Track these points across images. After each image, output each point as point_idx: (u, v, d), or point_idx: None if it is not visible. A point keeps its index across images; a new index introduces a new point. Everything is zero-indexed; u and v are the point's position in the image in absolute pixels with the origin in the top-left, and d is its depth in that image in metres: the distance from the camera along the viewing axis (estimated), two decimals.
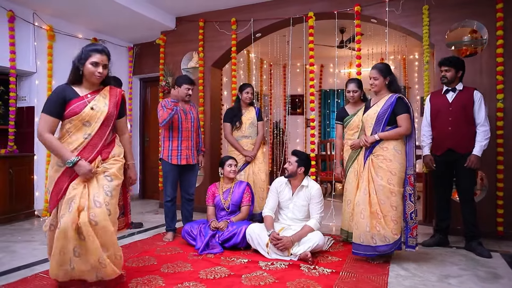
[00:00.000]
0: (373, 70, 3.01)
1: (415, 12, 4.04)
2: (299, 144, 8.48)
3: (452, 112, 3.28)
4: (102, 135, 2.28)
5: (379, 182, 2.85)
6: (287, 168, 3.26)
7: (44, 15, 4.72)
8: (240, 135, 4.13)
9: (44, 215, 4.65)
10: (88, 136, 2.24)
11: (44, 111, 2.19)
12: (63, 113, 2.21)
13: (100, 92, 2.33)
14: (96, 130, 2.25)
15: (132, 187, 3.62)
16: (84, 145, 2.23)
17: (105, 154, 2.31)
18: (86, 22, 5.12)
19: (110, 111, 2.31)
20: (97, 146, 2.26)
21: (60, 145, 2.18)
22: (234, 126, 4.12)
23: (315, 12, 4.51)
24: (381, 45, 6.42)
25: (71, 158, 2.15)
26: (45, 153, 4.75)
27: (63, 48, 5.00)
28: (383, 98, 2.98)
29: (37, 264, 2.90)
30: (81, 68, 2.25)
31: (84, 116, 2.22)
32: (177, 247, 3.36)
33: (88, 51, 2.27)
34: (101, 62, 2.26)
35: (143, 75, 6.12)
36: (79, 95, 2.25)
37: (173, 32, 5.40)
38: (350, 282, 2.55)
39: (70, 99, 2.22)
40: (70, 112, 2.20)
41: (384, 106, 2.94)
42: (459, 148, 3.26)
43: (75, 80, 2.29)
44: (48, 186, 2.29)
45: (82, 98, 2.25)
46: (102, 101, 2.30)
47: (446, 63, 3.32)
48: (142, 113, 6.30)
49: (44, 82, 4.77)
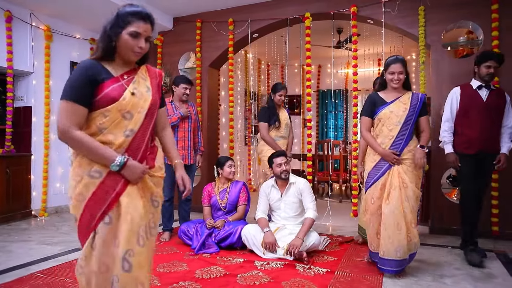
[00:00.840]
0: (398, 64, 2.70)
1: (411, 13, 4.06)
2: (296, 144, 8.49)
3: (488, 110, 3.04)
4: (146, 131, 1.60)
5: (411, 187, 2.64)
6: (287, 169, 3.27)
7: (41, 15, 4.73)
8: (278, 135, 3.96)
9: (41, 215, 4.66)
10: (131, 133, 1.54)
11: (65, 98, 1.47)
12: (92, 101, 1.51)
13: (137, 73, 1.64)
14: (140, 125, 1.56)
15: None
16: (125, 146, 1.53)
17: (151, 160, 1.63)
18: (84, 22, 5.13)
19: (154, 98, 1.63)
20: (140, 149, 1.58)
21: (97, 142, 1.49)
22: (272, 126, 3.93)
23: (312, 12, 4.52)
24: (378, 45, 6.44)
25: (117, 158, 1.48)
26: (42, 152, 4.76)
27: (61, 48, 5.00)
28: (405, 95, 2.74)
29: (33, 264, 2.91)
30: (114, 39, 1.55)
31: (125, 105, 1.52)
32: (173, 247, 3.37)
33: (127, 16, 1.54)
34: (143, 33, 1.55)
35: None
36: (113, 75, 1.55)
37: (171, 32, 5.41)
38: (345, 281, 2.57)
39: (102, 80, 1.52)
40: (105, 98, 1.50)
41: (412, 105, 2.70)
42: (490, 148, 3.07)
43: (105, 55, 1.56)
44: (73, 209, 1.51)
45: (117, 79, 1.55)
46: (143, 85, 1.62)
47: (493, 57, 3.03)
48: None
49: (42, 82, 4.78)
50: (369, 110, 2.84)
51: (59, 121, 1.48)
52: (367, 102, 2.87)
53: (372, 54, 6.81)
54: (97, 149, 1.48)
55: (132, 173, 1.52)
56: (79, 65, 1.54)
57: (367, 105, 2.86)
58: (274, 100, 3.98)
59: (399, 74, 2.70)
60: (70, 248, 3.35)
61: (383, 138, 2.75)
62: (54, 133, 4.92)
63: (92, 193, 1.48)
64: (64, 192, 5.06)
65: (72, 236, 3.76)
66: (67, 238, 3.70)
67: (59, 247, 3.36)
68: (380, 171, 2.74)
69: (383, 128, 2.76)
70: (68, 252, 3.23)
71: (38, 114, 4.76)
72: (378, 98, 2.81)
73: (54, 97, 4.91)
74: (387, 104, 2.74)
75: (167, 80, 5.36)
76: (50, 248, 3.33)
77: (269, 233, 3.09)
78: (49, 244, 3.48)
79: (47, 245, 3.44)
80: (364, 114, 2.88)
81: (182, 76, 3.86)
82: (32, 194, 4.69)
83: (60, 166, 5.02)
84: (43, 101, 4.78)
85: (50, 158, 4.86)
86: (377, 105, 2.78)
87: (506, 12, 3.66)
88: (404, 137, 2.69)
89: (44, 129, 4.78)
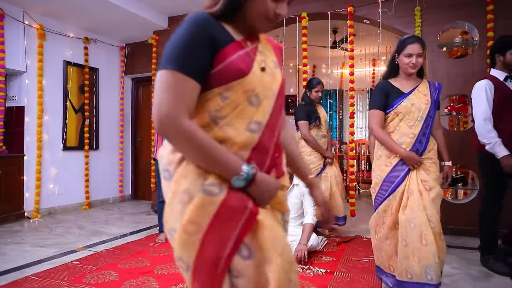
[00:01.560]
0: (417, 45, 2.22)
1: (408, 13, 4.07)
2: None
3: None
4: (275, 124, 1.07)
5: (437, 189, 2.19)
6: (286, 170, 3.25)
7: (34, 13, 4.65)
8: (319, 134, 3.70)
9: (34, 216, 4.58)
10: (258, 127, 1.02)
11: (173, 67, 0.94)
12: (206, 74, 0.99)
13: (260, 41, 1.12)
14: (269, 115, 1.04)
15: None
16: (251, 147, 1.01)
17: (280, 165, 1.12)
18: (77, 21, 5.06)
19: (283, 78, 1.15)
20: (269, 151, 1.06)
21: (214, 141, 0.96)
22: (313, 124, 3.67)
23: (309, 12, 4.51)
24: (373, 45, 6.47)
25: (243, 167, 0.96)
26: (35, 153, 4.68)
27: (54, 47, 4.93)
28: (422, 85, 2.30)
29: (27, 267, 2.85)
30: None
31: (254, 83, 1.01)
32: (170, 248, 3.33)
33: None
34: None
35: (135, 75, 6.07)
36: (235, 39, 1.03)
37: (166, 31, 5.36)
38: (344, 282, 2.56)
39: (224, 44, 1.00)
40: (228, 69, 0.99)
41: (431, 96, 2.27)
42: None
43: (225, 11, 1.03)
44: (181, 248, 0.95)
45: (241, 44, 1.04)
46: (269, 58, 1.12)
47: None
48: (134, 113, 6.24)
49: (34, 82, 4.70)
50: (381, 101, 2.31)
51: (162, 103, 0.93)
52: (377, 92, 2.34)
53: (367, 54, 6.82)
54: (214, 152, 0.94)
55: (262, 191, 1.00)
56: (189, 19, 0.98)
57: (378, 96, 2.32)
58: (310, 97, 3.75)
59: (418, 57, 2.21)
60: (64, 250, 3.29)
61: (402, 136, 2.25)
62: (47, 133, 4.85)
63: (212, 217, 0.94)
64: (58, 193, 4.99)
65: (66, 238, 3.70)
66: (61, 240, 3.64)
67: (53, 250, 3.31)
68: (399, 176, 2.23)
69: (402, 125, 2.26)
70: (62, 254, 3.18)
71: (31, 114, 4.69)
72: (391, 88, 2.30)
73: (47, 96, 4.84)
74: (406, 95, 2.26)
75: None
76: (45, 251, 3.28)
77: None
78: (43, 246, 3.43)
79: (41, 247, 3.38)
80: (374, 106, 2.33)
81: None
82: (25, 195, 4.61)
83: (53, 166, 4.95)
84: (36, 101, 4.70)
85: (43, 158, 4.79)
86: (392, 96, 2.28)
87: (502, 13, 3.68)
88: (426, 135, 2.23)
89: (37, 129, 4.71)
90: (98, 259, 3.03)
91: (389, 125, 2.32)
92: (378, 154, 2.37)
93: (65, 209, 5.07)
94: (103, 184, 5.68)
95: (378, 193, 2.32)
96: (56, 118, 5.00)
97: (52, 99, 4.93)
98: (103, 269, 2.78)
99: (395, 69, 2.35)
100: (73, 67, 5.19)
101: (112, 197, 5.86)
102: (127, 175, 6.17)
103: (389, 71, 2.38)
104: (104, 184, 5.70)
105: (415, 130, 2.23)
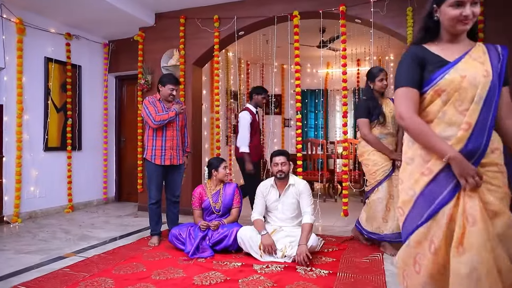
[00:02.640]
0: None
1: (400, 13, 4.10)
2: (277, 144, 8.46)
3: None
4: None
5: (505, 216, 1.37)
6: (283, 169, 3.20)
7: (13, 6, 4.40)
8: (385, 133, 3.21)
9: (14, 221, 4.34)
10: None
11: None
12: None
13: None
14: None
15: None
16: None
17: None
18: (59, 15, 4.83)
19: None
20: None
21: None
22: (376, 121, 3.20)
23: (300, 11, 4.48)
24: (357, 45, 6.52)
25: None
26: (14, 154, 4.44)
27: (34, 43, 4.70)
28: (477, 48, 1.50)
29: (14, 275, 2.68)
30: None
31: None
32: (164, 252, 3.22)
33: None
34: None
35: (119, 73, 5.87)
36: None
37: (152, 28, 5.20)
38: (349, 283, 2.53)
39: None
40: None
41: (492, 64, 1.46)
42: None
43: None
44: None
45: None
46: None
47: None
48: (118, 112, 6.04)
49: (14, 79, 4.45)
50: (413, 75, 1.51)
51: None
52: (406, 62, 1.54)
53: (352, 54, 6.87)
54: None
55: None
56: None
57: (408, 67, 1.53)
58: (374, 88, 3.26)
59: (473, 4, 1.46)
60: (52, 256, 3.12)
61: (447, 127, 1.44)
62: (27, 133, 4.62)
63: None
64: (39, 195, 4.75)
65: (51, 243, 3.52)
66: (47, 245, 3.46)
67: (39, 256, 3.13)
68: (444, 192, 1.40)
69: (447, 110, 1.44)
70: (50, 261, 3.00)
71: (10, 113, 4.44)
72: (427, 54, 1.52)
73: (27, 94, 4.60)
74: (452, 64, 1.46)
75: (148, 78, 5.16)
76: (30, 257, 3.09)
77: (267, 235, 3.01)
78: (27, 252, 3.24)
79: (25, 254, 3.19)
80: (402, 83, 1.52)
81: (170, 75, 3.67)
82: (4, 199, 4.36)
83: (34, 168, 4.71)
84: (15, 99, 4.45)
85: (23, 159, 4.55)
86: (431, 66, 1.49)
87: (491, 14, 3.76)
88: (487, 126, 1.40)
89: (16, 129, 4.46)
90: (90, 265, 2.88)
91: (427, 111, 1.50)
92: (409, 156, 1.54)
93: (47, 212, 4.84)
94: (86, 186, 5.46)
95: (409, 214, 1.49)
96: (36, 117, 4.76)
97: (32, 97, 4.69)
98: (96, 276, 2.64)
99: (433, 30, 1.57)
100: (54, 64, 4.96)
101: (96, 199, 5.64)
102: (111, 177, 5.96)
103: (422, 34, 1.60)
104: (87, 186, 5.48)
105: (470, 118, 1.40)
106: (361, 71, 7.66)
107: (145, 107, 3.46)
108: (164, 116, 3.41)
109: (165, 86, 3.53)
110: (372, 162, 3.17)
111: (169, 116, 3.43)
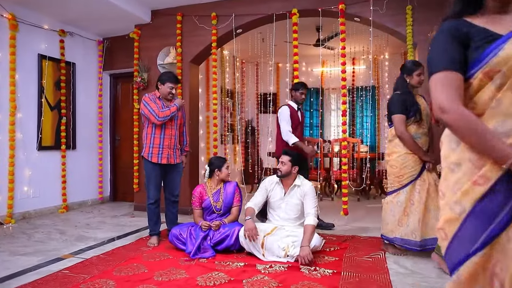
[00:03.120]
0: None
1: (399, 12, 4.10)
2: (271, 143, 8.43)
3: None
4: None
5: None
6: (280, 168, 3.18)
7: (5, 2, 4.28)
8: (419, 132, 2.95)
9: (7, 222, 4.24)
10: None
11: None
12: None
13: None
14: None
15: None
16: None
17: None
18: (53, 11, 4.73)
19: None
20: None
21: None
22: (412, 118, 2.93)
23: (299, 9, 4.45)
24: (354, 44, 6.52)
25: None
26: (7, 153, 4.33)
27: (27, 39, 4.59)
28: None
29: (11, 278, 2.60)
30: None
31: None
32: (164, 253, 3.17)
33: None
34: None
35: (114, 71, 5.78)
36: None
37: (148, 25, 5.13)
38: (354, 282, 2.51)
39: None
40: None
41: None
42: None
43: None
44: None
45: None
46: None
47: None
48: (112, 110, 5.95)
49: (6, 76, 4.34)
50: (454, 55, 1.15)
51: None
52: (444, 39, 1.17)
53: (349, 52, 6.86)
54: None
55: None
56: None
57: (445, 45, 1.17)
58: (410, 83, 2.99)
59: None
60: (49, 258, 3.04)
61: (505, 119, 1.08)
62: (21, 132, 4.51)
63: None
64: (33, 196, 4.66)
65: (48, 245, 3.44)
66: (43, 247, 3.38)
67: (36, 258, 3.05)
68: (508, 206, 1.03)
69: (504, 97, 1.08)
70: (48, 262, 2.93)
71: (3, 111, 4.33)
72: (472, 30, 1.15)
73: (20, 92, 4.49)
74: (508, 37, 1.09)
75: (145, 76, 5.09)
76: (27, 259, 3.01)
77: (250, 220, 3.02)
78: (23, 254, 3.16)
79: (22, 256, 3.11)
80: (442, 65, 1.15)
81: (169, 73, 3.60)
82: None
83: (27, 167, 4.60)
84: (8, 97, 4.35)
85: (17, 159, 4.44)
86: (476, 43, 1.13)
87: None
88: None
89: (9, 128, 4.35)
90: (89, 266, 2.82)
91: (474, 101, 1.14)
92: (453, 161, 1.16)
93: (41, 212, 4.74)
94: (81, 186, 5.37)
95: (455, 238, 1.11)
96: (30, 115, 4.65)
97: (25, 95, 4.58)
98: (97, 277, 2.58)
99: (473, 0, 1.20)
100: (48, 62, 4.86)
101: (90, 199, 5.55)
102: (106, 176, 5.87)
103: (460, 5, 1.21)
104: (82, 186, 5.39)
105: None
106: (356, 70, 7.67)
107: (146, 104, 3.39)
108: (166, 112, 3.36)
109: (165, 84, 3.47)
110: (401, 164, 2.95)
111: (172, 111, 3.38)
